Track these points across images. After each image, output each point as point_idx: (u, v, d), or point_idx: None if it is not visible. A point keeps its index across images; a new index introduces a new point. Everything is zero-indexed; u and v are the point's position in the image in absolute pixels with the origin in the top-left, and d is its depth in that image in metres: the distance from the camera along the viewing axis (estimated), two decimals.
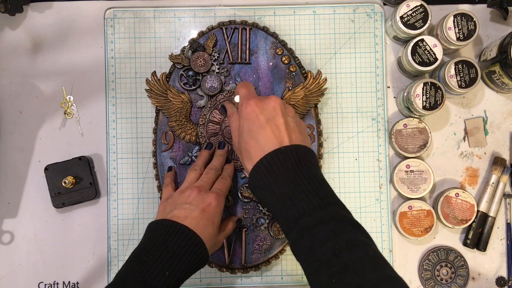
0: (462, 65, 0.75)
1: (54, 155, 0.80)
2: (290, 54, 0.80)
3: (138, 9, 0.82)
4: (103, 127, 0.81)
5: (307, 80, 0.79)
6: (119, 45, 0.81)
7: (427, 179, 0.78)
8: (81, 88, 0.81)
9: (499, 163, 0.79)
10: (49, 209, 0.80)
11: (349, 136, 0.81)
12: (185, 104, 0.79)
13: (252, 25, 0.80)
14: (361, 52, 0.82)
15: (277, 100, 0.60)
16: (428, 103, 0.75)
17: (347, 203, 0.80)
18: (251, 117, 0.59)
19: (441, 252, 0.79)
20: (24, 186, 0.80)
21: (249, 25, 0.80)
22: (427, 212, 0.78)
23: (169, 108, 0.79)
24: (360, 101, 0.81)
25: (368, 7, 0.82)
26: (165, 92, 0.79)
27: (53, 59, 0.81)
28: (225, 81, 0.79)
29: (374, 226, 0.80)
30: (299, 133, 0.60)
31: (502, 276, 0.80)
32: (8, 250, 0.80)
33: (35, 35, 0.82)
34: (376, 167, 0.81)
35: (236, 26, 0.80)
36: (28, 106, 0.81)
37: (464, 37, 0.75)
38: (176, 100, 0.79)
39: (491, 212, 0.79)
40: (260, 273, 0.80)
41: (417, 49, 0.76)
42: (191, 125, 0.78)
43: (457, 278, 0.79)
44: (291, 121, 0.60)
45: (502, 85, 0.78)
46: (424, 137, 0.78)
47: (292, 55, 0.80)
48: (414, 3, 0.76)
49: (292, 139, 0.57)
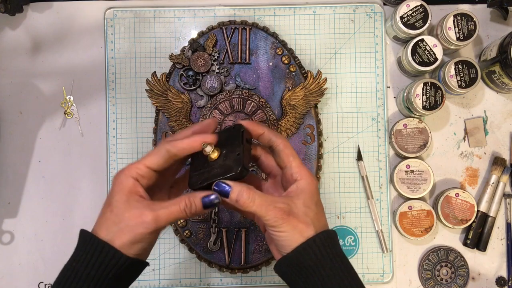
0: (462, 65, 0.75)
1: (54, 155, 0.80)
2: (290, 54, 0.80)
3: (138, 9, 0.82)
4: (103, 127, 0.81)
5: (307, 80, 0.79)
6: (119, 45, 0.81)
7: (427, 179, 0.78)
8: (81, 88, 0.81)
9: (499, 163, 0.79)
10: (49, 209, 0.80)
11: (349, 136, 0.81)
12: (185, 104, 0.79)
13: (252, 25, 0.80)
14: (361, 52, 0.82)
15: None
16: (428, 103, 0.75)
17: (347, 204, 0.81)
18: (317, 190, 0.55)
19: (441, 252, 0.79)
20: (24, 186, 0.80)
21: (249, 25, 0.80)
22: (427, 212, 0.78)
23: (169, 108, 0.79)
24: (360, 101, 0.81)
25: (368, 7, 0.82)
26: (165, 92, 0.79)
27: (53, 59, 0.81)
28: (225, 81, 0.79)
29: (374, 226, 0.80)
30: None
31: (502, 276, 0.80)
32: (8, 250, 0.80)
33: (35, 35, 0.82)
34: (376, 167, 0.81)
35: (236, 26, 0.80)
36: (28, 106, 0.81)
37: (464, 37, 0.75)
38: (176, 100, 0.79)
39: (491, 212, 0.79)
40: (260, 273, 0.80)
41: (417, 49, 0.76)
42: (191, 125, 0.78)
43: (457, 278, 0.79)
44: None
45: (502, 85, 0.78)
46: (424, 137, 0.78)
47: (292, 55, 0.80)
48: (414, 3, 0.76)
49: (326, 224, 0.56)
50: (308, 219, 0.52)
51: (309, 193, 0.53)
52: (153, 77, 0.79)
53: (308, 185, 0.54)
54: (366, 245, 0.80)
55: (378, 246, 0.80)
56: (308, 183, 0.54)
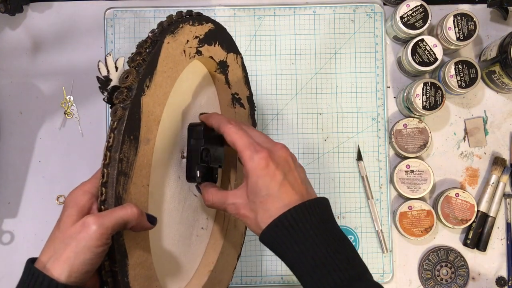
0: (462, 65, 0.75)
1: (54, 155, 0.80)
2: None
3: (138, 9, 0.82)
4: (103, 127, 0.81)
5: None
6: (119, 45, 0.81)
7: (427, 179, 0.78)
8: (81, 88, 0.81)
9: (499, 163, 0.79)
10: (49, 209, 0.80)
11: (349, 136, 0.81)
12: None
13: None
14: (361, 52, 0.82)
15: (287, 150, 0.54)
16: (428, 103, 0.75)
17: (347, 204, 0.81)
18: (267, 174, 0.52)
19: (441, 252, 0.79)
20: (24, 186, 0.80)
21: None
22: (427, 212, 0.78)
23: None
24: (360, 101, 0.81)
25: (368, 7, 0.82)
26: None
27: (53, 59, 0.81)
28: None
29: (374, 226, 0.80)
30: (309, 183, 0.56)
31: (502, 276, 0.80)
32: (8, 250, 0.80)
33: (35, 35, 0.82)
34: (376, 167, 0.81)
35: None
36: (28, 106, 0.81)
37: (464, 37, 0.75)
38: None
39: (491, 212, 0.79)
40: (260, 273, 0.80)
41: (417, 49, 0.76)
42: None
43: (457, 278, 0.79)
44: (301, 171, 0.55)
45: (502, 85, 0.78)
46: (424, 137, 0.78)
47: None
48: (414, 3, 0.76)
49: (310, 193, 0.54)
50: (254, 212, 0.53)
51: (252, 182, 0.52)
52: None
53: (250, 172, 0.52)
54: (366, 245, 0.80)
55: (378, 246, 0.80)
56: (249, 169, 0.52)
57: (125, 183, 0.47)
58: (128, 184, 0.47)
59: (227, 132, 0.55)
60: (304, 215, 0.50)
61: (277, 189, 0.52)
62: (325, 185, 0.80)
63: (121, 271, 0.47)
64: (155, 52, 0.50)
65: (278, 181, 0.52)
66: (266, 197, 0.52)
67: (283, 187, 0.52)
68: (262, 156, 0.52)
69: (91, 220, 0.46)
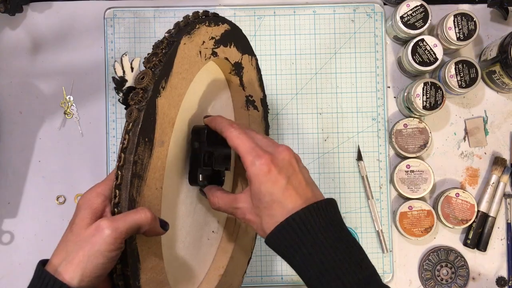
0: (462, 65, 0.75)
1: (54, 155, 0.80)
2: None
3: (138, 9, 0.82)
4: (103, 127, 0.81)
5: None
6: (119, 45, 0.81)
7: (427, 179, 0.78)
8: (81, 88, 0.81)
9: (499, 163, 0.79)
10: (49, 209, 0.80)
11: (349, 136, 0.81)
12: None
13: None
14: (361, 52, 0.82)
15: (290, 152, 0.53)
16: (428, 103, 0.75)
17: (347, 204, 0.81)
18: (270, 179, 0.51)
19: (441, 252, 0.79)
20: (24, 186, 0.80)
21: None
22: (427, 212, 0.78)
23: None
24: (360, 101, 0.81)
25: (368, 7, 0.82)
26: None
27: (53, 59, 0.81)
28: None
29: (374, 226, 0.80)
30: (314, 184, 0.55)
31: (502, 276, 0.80)
32: (8, 250, 0.80)
33: (35, 35, 0.82)
34: (376, 167, 0.81)
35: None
36: (28, 106, 0.81)
37: (464, 37, 0.75)
38: None
39: (492, 212, 0.79)
40: (260, 273, 0.80)
41: (417, 49, 0.76)
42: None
43: (457, 278, 0.79)
44: (305, 172, 0.55)
45: (502, 85, 0.78)
46: (424, 137, 0.78)
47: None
48: (414, 3, 0.76)
49: (316, 194, 0.53)
50: (259, 217, 0.52)
51: (255, 188, 0.52)
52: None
53: (252, 178, 0.52)
54: (366, 245, 0.80)
55: (378, 246, 0.80)
56: (251, 175, 0.52)
57: (139, 185, 0.46)
58: (142, 187, 0.47)
59: (229, 136, 0.54)
60: (313, 217, 0.50)
61: (281, 194, 0.51)
62: (325, 185, 0.80)
63: (133, 275, 0.46)
64: (171, 53, 0.49)
65: (281, 186, 0.51)
66: (270, 203, 0.51)
67: (287, 192, 0.51)
68: (264, 162, 0.51)
69: (105, 224, 0.45)
